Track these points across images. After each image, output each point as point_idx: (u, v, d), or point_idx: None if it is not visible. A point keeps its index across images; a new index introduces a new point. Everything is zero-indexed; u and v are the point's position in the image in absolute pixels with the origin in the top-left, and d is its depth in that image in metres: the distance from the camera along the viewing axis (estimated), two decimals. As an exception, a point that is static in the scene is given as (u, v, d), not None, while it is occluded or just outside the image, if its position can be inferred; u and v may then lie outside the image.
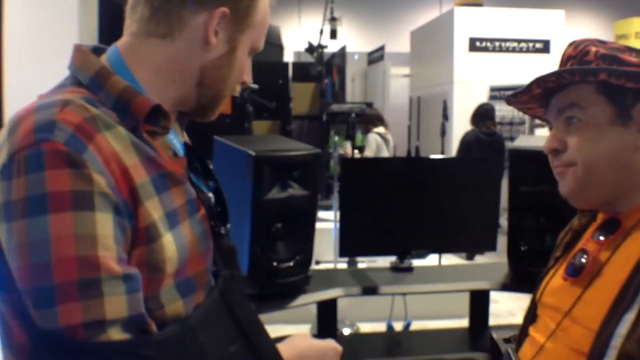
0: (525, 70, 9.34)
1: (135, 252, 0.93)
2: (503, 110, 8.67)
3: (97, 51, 1.07)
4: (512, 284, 2.37)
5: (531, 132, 8.90)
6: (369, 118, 7.54)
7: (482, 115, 7.36)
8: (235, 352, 1.03)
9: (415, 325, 2.98)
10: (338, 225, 4.77)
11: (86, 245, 0.85)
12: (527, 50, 9.53)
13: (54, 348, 0.86)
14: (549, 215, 2.29)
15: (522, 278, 2.35)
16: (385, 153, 7.14)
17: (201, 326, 0.99)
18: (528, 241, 2.32)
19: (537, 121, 8.57)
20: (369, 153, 7.14)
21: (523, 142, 2.36)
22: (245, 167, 2.00)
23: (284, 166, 2.06)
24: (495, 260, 2.66)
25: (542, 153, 2.28)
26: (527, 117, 8.87)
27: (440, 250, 2.47)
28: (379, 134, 7.30)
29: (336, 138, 5.45)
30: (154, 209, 0.94)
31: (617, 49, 1.20)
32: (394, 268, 2.46)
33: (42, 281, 0.84)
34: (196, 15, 1.02)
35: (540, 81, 1.21)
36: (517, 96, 1.30)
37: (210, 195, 1.14)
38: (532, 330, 1.34)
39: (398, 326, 3.02)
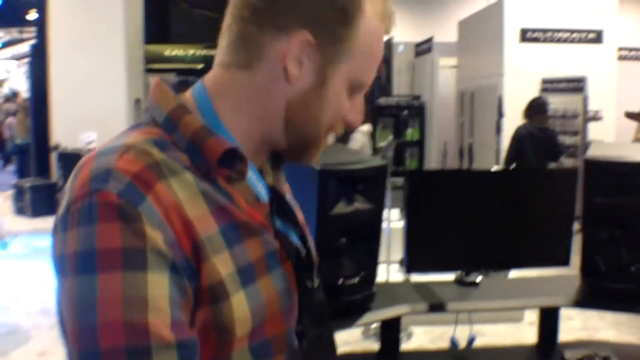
0: (578, 61, 9.10)
1: (199, 312, 0.84)
2: (555, 103, 8.43)
3: (183, 85, 0.98)
4: (585, 300, 2.26)
5: (584, 126, 8.65)
6: None
7: (536, 109, 7.15)
8: None
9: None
10: (393, 225, 4.71)
11: (135, 309, 0.77)
12: (580, 41, 9.26)
13: None
14: (625, 227, 2.18)
15: (595, 293, 2.24)
16: (368, 152, 6.93)
17: None
18: (603, 254, 2.21)
19: (590, 114, 8.30)
20: None
21: (598, 151, 2.24)
22: (310, 181, 1.93)
23: (349, 180, 1.98)
24: (563, 273, 2.53)
25: (618, 163, 2.19)
26: (580, 111, 8.63)
27: (511, 265, 2.36)
28: (363, 133, 7.13)
29: (390, 137, 5.32)
30: (222, 264, 0.85)
31: None
32: (459, 282, 2.37)
33: (88, 345, 0.77)
34: (276, 42, 0.89)
35: None
36: None
37: (299, 243, 1.01)
38: None
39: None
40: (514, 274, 2.51)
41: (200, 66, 12.00)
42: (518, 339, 4.41)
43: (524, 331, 4.76)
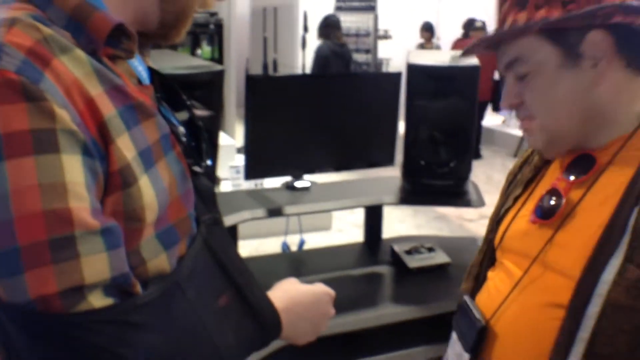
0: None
1: (109, 199, 0.78)
2: (348, 22, 8.72)
3: None
4: (407, 197, 2.42)
5: (375, 44, 9.05)
6: None
7: (331, 26, 7.35)
8: (226, 304, 0.93)
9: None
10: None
11: (54, 196, 0.71)
12: (370, -39, 9.56)
13: (24, 324, 0.72)
14: (444, 128, 2.34)
15: (416, 190, 2.40)
16: None
17: (188, 281, 0.88)
18: (423, 154, 2.36)
19: (381, 33, 8.68)
20: None
21: (419, 57, 2.36)
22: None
23: (186, 85, 1.92)
24: (388, 173, 2.67)
25: (437, 68, 2.33)
26: (371, 29, 9.00)
27: (342, 167, 2.45)
28: None
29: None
30: (126, 147, 0.80)
31: None
32: (290, 187, 2.43)
33: (4, 244, 0.70)
34: None
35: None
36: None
37: (182, 129, 0.99)
38: (490, 276, 1.24)
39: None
40: (341, 176, 2.61)
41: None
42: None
43: (334, 238, 5.02)
